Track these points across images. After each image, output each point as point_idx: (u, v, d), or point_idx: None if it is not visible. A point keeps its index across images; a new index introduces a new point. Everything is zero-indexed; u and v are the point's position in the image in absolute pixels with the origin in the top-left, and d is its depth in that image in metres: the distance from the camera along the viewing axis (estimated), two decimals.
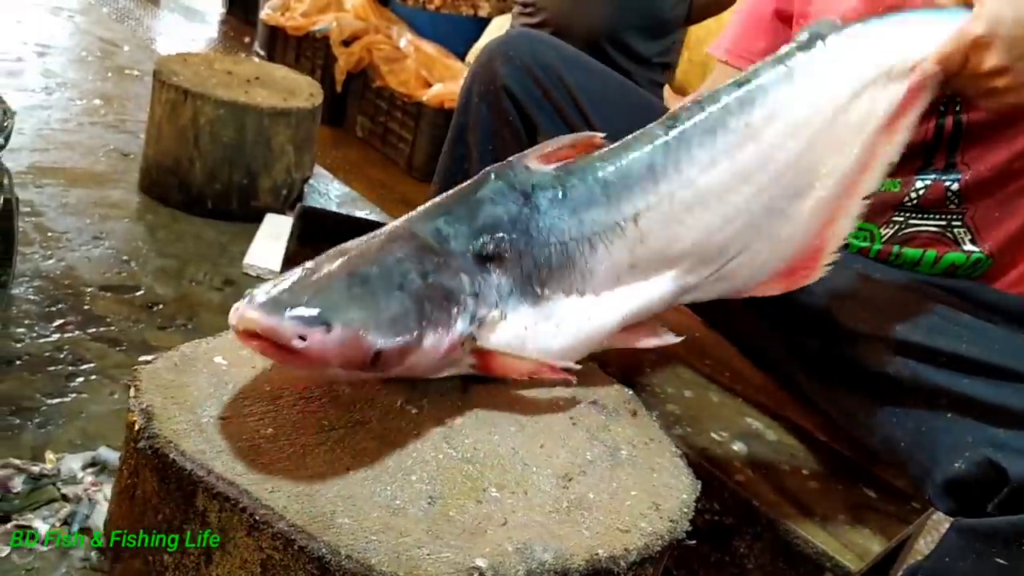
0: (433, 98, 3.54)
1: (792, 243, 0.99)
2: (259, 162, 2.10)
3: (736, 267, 1.01)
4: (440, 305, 0.87)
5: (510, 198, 0.96)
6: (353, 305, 0.82)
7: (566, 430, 0.95)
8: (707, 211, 0.98)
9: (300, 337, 0.78)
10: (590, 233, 0.97)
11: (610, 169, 0.99)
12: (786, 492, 1.25)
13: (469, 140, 1.53)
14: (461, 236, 0.93)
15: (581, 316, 0.98)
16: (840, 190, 0.97)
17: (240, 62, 2.32)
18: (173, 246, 2.02)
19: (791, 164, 0.97)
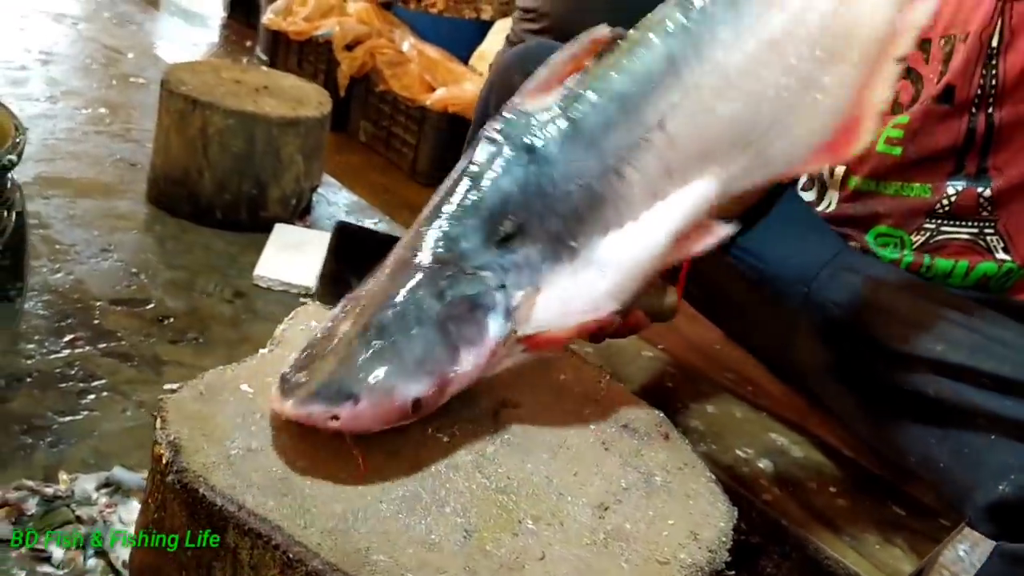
0: (437, 102, 3.51)
1: (829, 113, 0.89)
2: (268, 172, 2.08)
3: (776, 150, 0.90)
4: (466, 319, 0.84)
5: (513, 161, 0.86)
6: (375, 365, 0.81)
7: (599, 456, 0.93)
8: (739, 94, 0.88)
9: (333, 418, 0.80)
10: (614, 162, 0.87)
11: (623, 77, 0.87)
12: (814, 510, 1.23)
13: None
14: (471, 231, 0.85)
15: (624, 249, 0.88)
16: (873, 53, 0.88)
17: (248, 70, 2.30)
18: (182, 258, 2.00)
19: (820, 29, 0.87)
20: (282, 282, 1.95)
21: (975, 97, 1.15)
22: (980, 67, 1.15)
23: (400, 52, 3.78)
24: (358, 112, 3.86)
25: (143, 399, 1.58)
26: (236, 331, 1.81)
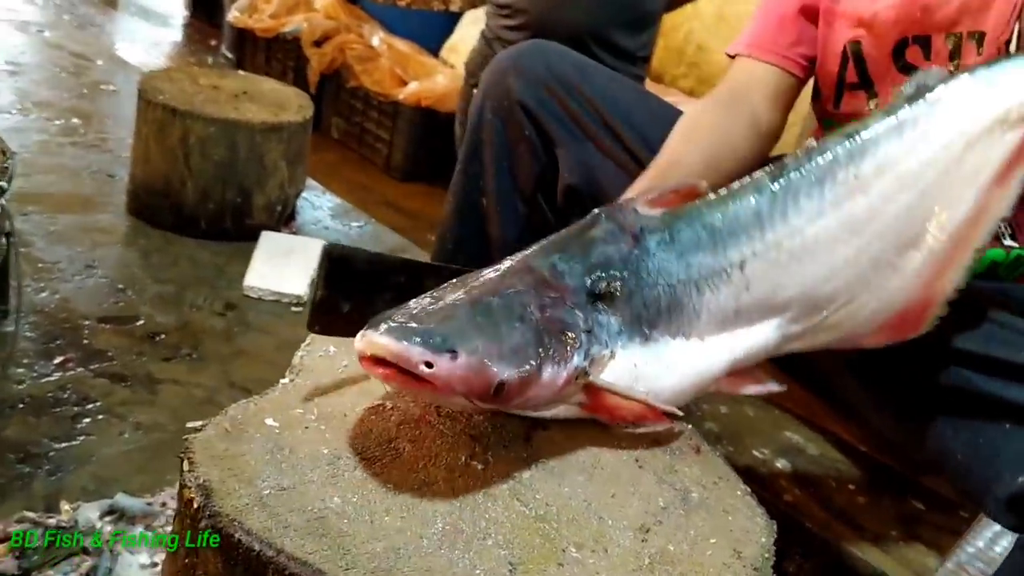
0: (409, 96, 3.47)
1: (900, 296, 0.97)
2: (252, 179, 2.04)
3: (841, 318, 0.98)
4: (558, 338, 0.86)
5: (620, 239, 0.96)
6: (477, 333, 0.81)
7: (633, 475, 0.91)
8: (813, 261, 0.96)
9: (427, 364, 0.78)
10: (697, 277, 0.96)
11: (717, 215, 0.97)
12: (835, 510, 1.22)
13: (484, 157, 1.48)
14: (575, 273, 0.92)
15: (688, 359, 0.96)
16: (951, 243, 0.95)
17: (225, 76, 2.25)
18: (169, 271, 1.96)
19: (901, 217, 0.95)
20: (273, 292, 1.92)
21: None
22: None
23: (370, 47, 3.72)
24: (330, 109, 3.81)
25: (140, 420, 1.54)
26: (230, 345, 1.78)
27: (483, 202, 1.51)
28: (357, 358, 0.81)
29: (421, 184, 3.46)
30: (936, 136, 0.96)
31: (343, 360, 0.97)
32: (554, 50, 1.46)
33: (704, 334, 0.96)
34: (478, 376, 0.80)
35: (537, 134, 1.42)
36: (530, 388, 0.84)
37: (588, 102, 1.39)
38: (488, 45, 2.52)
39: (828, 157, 0.97)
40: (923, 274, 0.96)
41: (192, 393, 1.63)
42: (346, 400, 0.91)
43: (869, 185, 0.96)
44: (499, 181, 1.48)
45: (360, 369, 0.96)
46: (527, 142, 1.43)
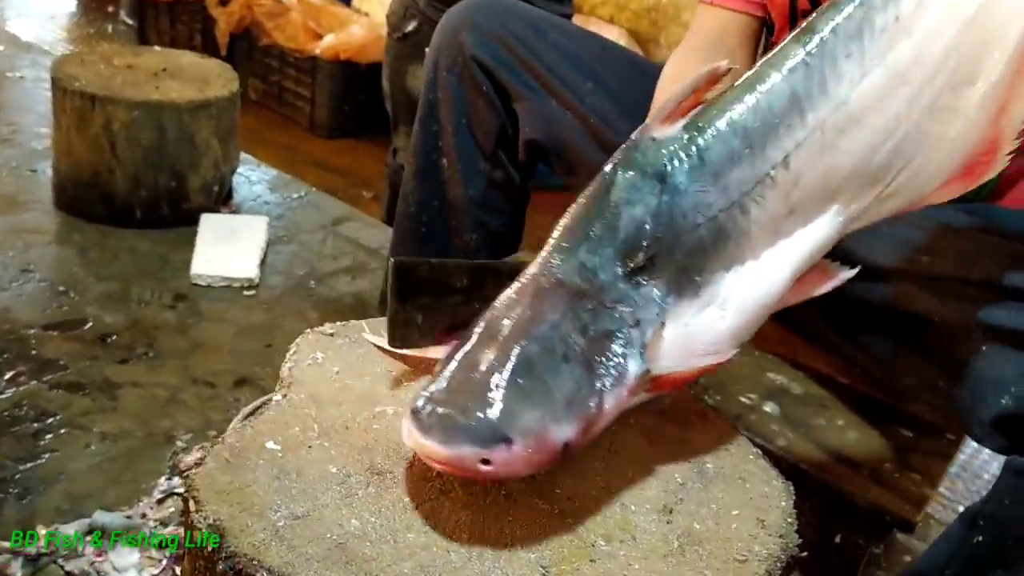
0: (327, 50, 3.36)
1: (964, 140, 0.86)
2: (184, 161, 1.95)
3: (905, 180, 0.88)
4: (609, 358, 0.80)
5: (645, 189, 0.84)
6: (526, 405, 0.75)
7: (647, 453, 0.89)
8: (864, 128, 0.85)
9: (483, 461, 0.73)
10: (738, 196, 0.85)
11: (747, 113, 0.85)
12: (828, 449, 1.23)
13: (441, 116, 1.44)
14: (607, 262, 0.83)
15: (745, 288, 0.86)
16: (1009, 71, 0.85)
17: (140, 53, 2.14)
18: (110, 267, 1.87)
19: (951, 52, 0.84)
20: (222, 277, 1.85)
21: None
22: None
23: (278, 2, 3.58)
24: (244, 70, 3.65)
25: (105, 429, 1.48)
26: (185, 338, 1.71)
27: (443, 162, 1.47)
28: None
29: (348, 140, 3.37)
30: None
31: (334, 367, 0.93)
32: (506, 4, 1.42)
33: (758, 252, 0.87)
34: (540, 452, 0.75)
35: (494, 89, 1.39)
36: (596, 427, 0.79)
37: (544, 55, 1.35)
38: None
39: (860, 3, 0.85)
40: (985, 110, 0.85)
41: (155, 394, 1.57)
42: (345, 411, 0.87)
43: (912, 24, 0.84)
44: (458, 139, 1.45)
45: (354, 372, 0.93)
46: (485, 98, 1.39)
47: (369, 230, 2.16)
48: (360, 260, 2.04)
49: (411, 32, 2.37)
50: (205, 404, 1.57)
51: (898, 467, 1.21)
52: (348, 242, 2.10)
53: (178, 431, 1.50)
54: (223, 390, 1.60)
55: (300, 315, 1.83)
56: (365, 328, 0.98)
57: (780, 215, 0.86)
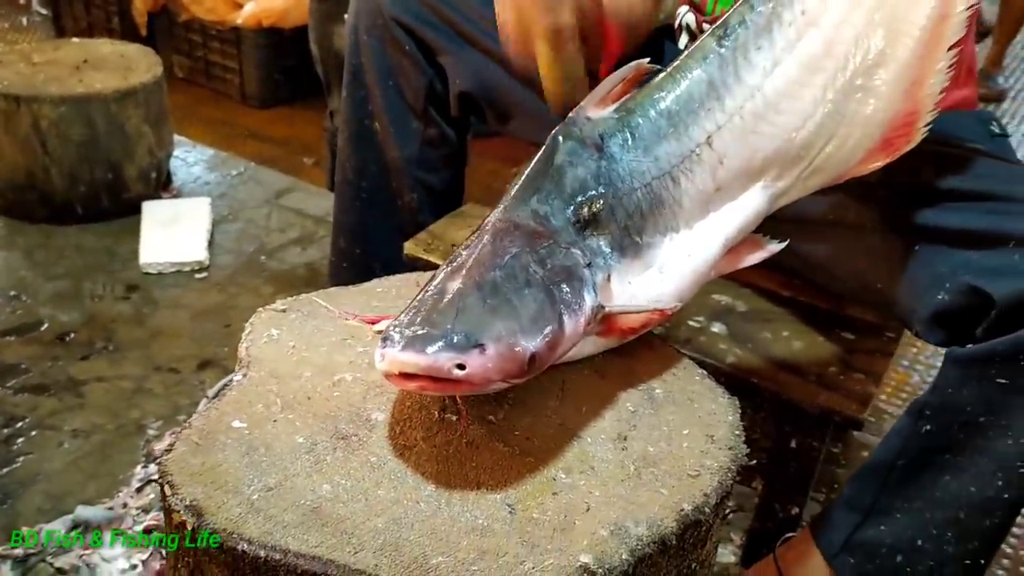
0: (249, 19, 3.33)
1: (881, 116, 0.94)
2: (118, 151, 1.95)
3: (826, 158, 0.96)
4: (567, 287, 0.85)
5: (585, 155, 0.93)
6: (495, 318, 0.79)
7: (598, 385, 0.94)
8: (781, 114, 0.94)
9: (458, 366, 0.76)
10: (668, 168, 0.94)
11: (670, 98, 0.95)
12: (776, 360, 1.28)
13: (367, 80, 1.45)
14: (558, 211, 0.90)
15: (681, 254, 0.95)
16: (920, 47, 0.92)
17: (60, 46, 2.11)
18: (58, 266, 1.87)
19: (861, 38, 0.91)
20: (172, 263, 1.86)
21: None
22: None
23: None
24: (167, 48, 3.62)
25: (76, 427, 1.51)
26: (143, 328, 1.73)
27: (375, 125, 1.48)
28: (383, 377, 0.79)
29: (282, 108, 3.36)
30: None
31: (290, 342, 0.96)
32: None
33: (691, 222, 0.96)
34: (511, 359, 0.78)
35: (417, 47, 1.40)
36: (558, 347, 0.83)
37: (462, 6, 1.37)
38: None
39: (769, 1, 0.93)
40: (899, 87, 0.93)
41: (120, 386, 1.59)
42: (306, 383, 0.90)
43: (819, 15, 0.92)
44: (387, 101, 1.46)
45: (310, 344, 0.96)
46: (409, 57, 1.41)
47: (313, 199, 2.17)
48: (308, 230, 2.05)
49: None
50: (171, 390, 1.59)
51: (843, 369, 1.26)
52: (293, 213, 2.12)
53: (148, 420, 1.52)
54: (187, 374, 1.63)
55: (255, 292, 1.86)
56: (317, 300, 1.01)
57: (709, 190, 0.95)
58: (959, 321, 1.03)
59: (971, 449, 1.03)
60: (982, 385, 0.99)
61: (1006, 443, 0.99)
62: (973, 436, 1.02)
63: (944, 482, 1.05)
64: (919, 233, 1.08)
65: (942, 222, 1.07)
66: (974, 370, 1.01)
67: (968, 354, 1.01)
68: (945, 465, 1.05)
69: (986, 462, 1.01)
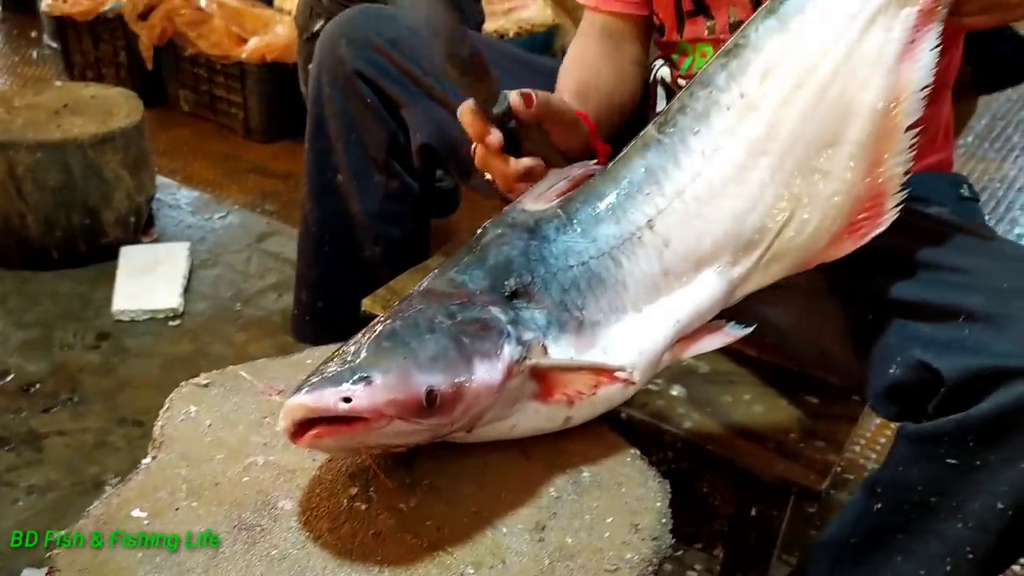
0: (252, 54, 3.34)
1: (841, 199, 0.91)
2: (96, 197, 1.94)
3: (785, 244, 0.93)
4: (479, 335, 0.83)
5: (514, 235, 0.92)
6: (385, 354, 0.79)
7: (522, 469, 0.90)
8: (727, 198, 0.91)
9: (344, 399, 0.75)
10: (608, 248, 0.92)
11: (608, 184, 0.94)
12: (734, 426, 1.24)
13: (330, 132, 1.44)
14: (476, 278, 0.89)
15: (628, 335, 0.92)
16: (876, 128, 0.89)
17: (42, 90, 2.11)
18: (30, 313, 1.86)
19: (808, 120, 0.89)
20: (145, 310, 1.85)
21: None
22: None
23: (199, 9, 3.55)
24: (173, 81, 3.64)
25: (32, 483, 1.49)
26: (111, 378, 1.71)
27: (338, 178, 1.47)
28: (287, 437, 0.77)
29: (286, 142, 3.35)
30: (824, 24, 0.90)
31: (207, 420, 0.93)
32: (383, 13, 1.41)
33: (639, 304, 0.92)
34: (401, 390, 0.77)
35: (379, 100, 1.38)
36: (468, 391, 0.80)
37: (424, 60, 1.35)
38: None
39: (707, 84, 0.92)
40: (857, 169, 0.90)
41: (81, 441, 1.57)
42: (216, 466, 0.88)
43: (759, 99, 0.90)
44: (349, 154, 1.44)
45: (227, 423, 0.94)
46: (371, 110, 1.39)
47: (294, 243, 2.15)
48: (286, 275, 2.03)
49: (318, 32, 2.35)
50: (133, 444, 1.57)
51: (804, 436, 1.22)
52: (273, 258, 2.10)
53: (106, 475, 1.50)
54: (151, 427, 1.60)
55: (227, 340, 1.84)
56: (242, 374, 0.98)
57: (655, 273, 0.93)
58: (911, 396, 0.99)
59: (922, 531, 0.99)
60: (932, 464, 0.96)
61: (956, 527, 0.95)
62: (924, 517, 0.98)
63: (896, 563, 1.01)
64: (873, 302, 1.05)
65: (896, 292, 1.03)
66: (924, 449, 0.97)
67: (918, 431, 0.98)
68: (897, 546, 1.01)
69: (936, 545, 0.97)
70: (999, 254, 1.00)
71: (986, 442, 0.90)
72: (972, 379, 0.91)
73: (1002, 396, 0.87)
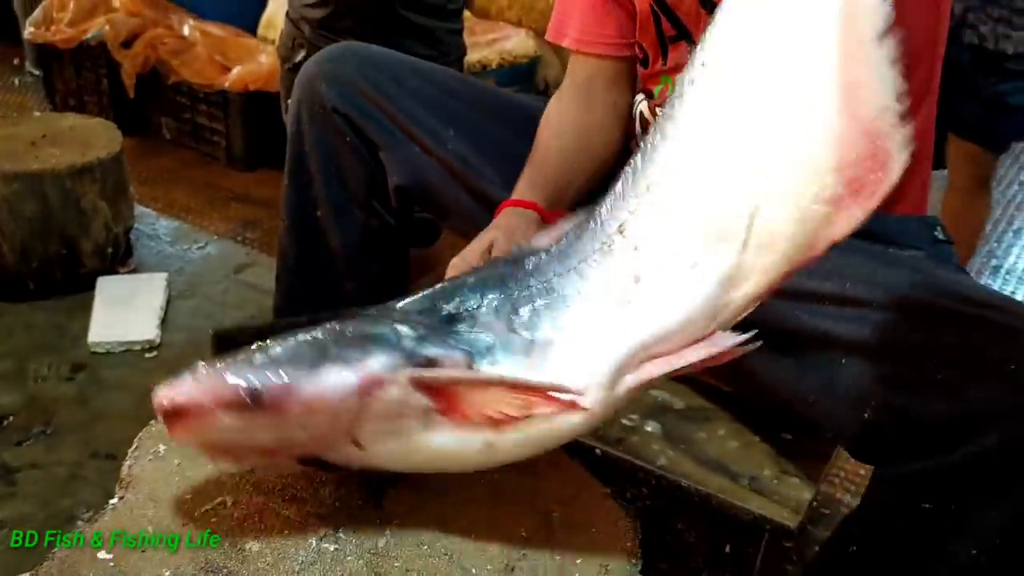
0: (236, 82, 3.36)
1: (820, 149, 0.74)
2: (73, 227, 1.92)
3: (770, 224, 0.78)
4: (349, 345, 0.82)
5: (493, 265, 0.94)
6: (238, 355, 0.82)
7: (492, 508, 0.90)
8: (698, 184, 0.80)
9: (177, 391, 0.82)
10: (576, 264, 0.85)
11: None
12: (709, 462, 1.24)
13: (310, 168, 1.44)
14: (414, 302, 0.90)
15: (583, 355, 0.82)
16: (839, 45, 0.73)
17: (20, 121, 2.11)
18: (4, 344, 1.84)
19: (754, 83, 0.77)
20: (121, 342, 1.83)
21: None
22: None
23: (182, 38, 3.57)
24: (155, 109, 3.65)
25: (3, 517, 1.46)
26: (86, 410, 1.69)
27: (317, 214, 1.47)
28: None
29: (268, 170, 3.36)
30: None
31: (175, 460, 0.93)
32: (363, 51, 1.42)
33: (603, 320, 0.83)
34: (221, 384, 0.80)
35: (358, 138, 1.39)
36: (304, 392, 0.79)
37: (403, 102, 1.36)
38: (295, 26, 2.45)
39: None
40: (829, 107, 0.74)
41: (54, 474, 1.55)
42: (183, 507, 0.87)
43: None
44: (329, 190, 1.45)
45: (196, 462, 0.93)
46: (350, 148, 1.40)
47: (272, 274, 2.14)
48: (264, 306, 2.02)
49: (301, 62, 2.35)
50: (106, 477, 1.55)
51: (778, 473, 1.23)
52: (251, 289, 2.09)
53: (79, 509, 1.48)
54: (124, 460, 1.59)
55: None
56: None
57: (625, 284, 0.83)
58: (886, 440, 0.99)
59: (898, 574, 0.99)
60: (908, 508, 0.96)
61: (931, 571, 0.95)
62: (900, 560, 0.98)
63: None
64: (844, 346, 1.05)
65: (867, 337, 1.03)
66: (899, 492, 0.98)
67: (891, 475, 0.98)
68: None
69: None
70: (977, 302, 1.01)
71: (961, 488, 0.91)
72: (946, 424, 0.91)
73: (976, 442, 0.88)
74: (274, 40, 3.45)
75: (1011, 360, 0.89)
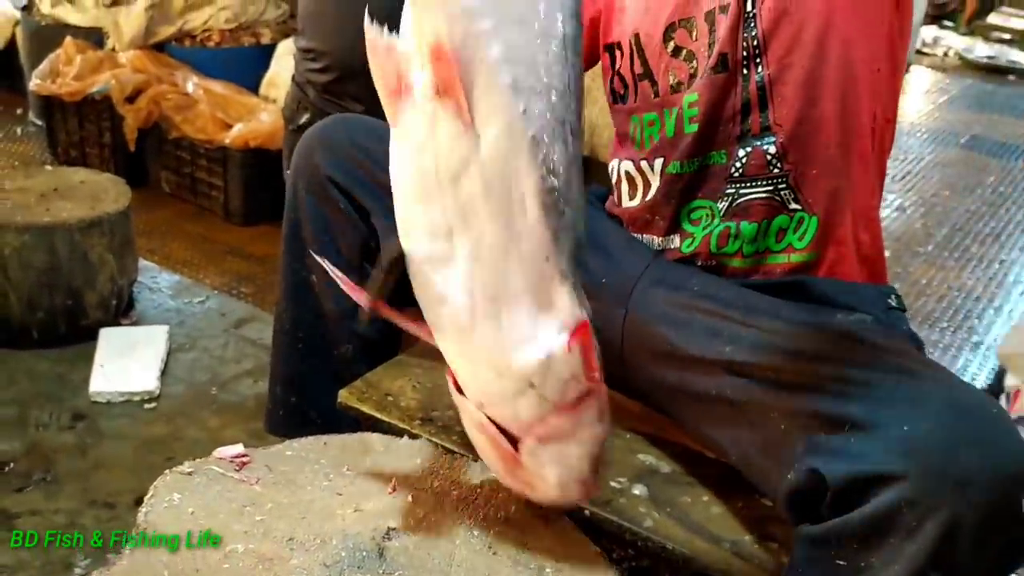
0: (236, 139, 3.42)
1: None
2: (79, 279, 1.99)
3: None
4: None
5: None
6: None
7: (489, 564, 0.95)
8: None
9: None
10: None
11: None
12: (693, 526, 1.28)
13: (305, 234, 1.49)
14: None
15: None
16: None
17: (32, 174, 2.18)
18: (7, 391, 1.89)
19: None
20: (121, 392, 1.88)
21: (743, 59, 1.20)
22: (742, 29, 1.20)
23: (186, 94, 3.64)
24: (156, 163, 3.71)
25: (2, 563, 1.50)
26: (85, 459, 1.74)
27: (312, 279, 1.52)
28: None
29: (264, 226, 3.40)
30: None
31: (189, 508, 0.97)
32: (359, 122, 1.48)
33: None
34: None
35: (352, 207, 1.44)
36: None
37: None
38: (300, 89, 2.52)
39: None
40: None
41: (53, 521, 1.59)
42: (196, 555, 0.92)
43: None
44: (323, 255, 1.49)
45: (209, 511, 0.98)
46: (344, 215, 1.45)
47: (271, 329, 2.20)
48: (263, 361, 2.07)
49: (305, 124, 2.44)
50: (104, 526, 1.59)
51: (758, 538, 1.27)
52: (250, 344, 2.14)
53: (76, 557, 1.52)
54: (122, 510, 1.63)
55: (201, 424, 1.87)
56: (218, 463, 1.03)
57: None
58: (806, 501, 1.05)
59: None
60: (825, 565, 1.01)
61: None
62: None
63: None
64: (779, 412, 1.10)
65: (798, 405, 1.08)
66: (816, 551, 1.02)
67: (810, 533, 1.03)
68: None
69: None
70: (893, 367, 1.07)
71: (866, 544, 0.96)
72: (851, 484, 0.97)
73: (876, 501, 0.94)
74: (275, 99, 3.54)
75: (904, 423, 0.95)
